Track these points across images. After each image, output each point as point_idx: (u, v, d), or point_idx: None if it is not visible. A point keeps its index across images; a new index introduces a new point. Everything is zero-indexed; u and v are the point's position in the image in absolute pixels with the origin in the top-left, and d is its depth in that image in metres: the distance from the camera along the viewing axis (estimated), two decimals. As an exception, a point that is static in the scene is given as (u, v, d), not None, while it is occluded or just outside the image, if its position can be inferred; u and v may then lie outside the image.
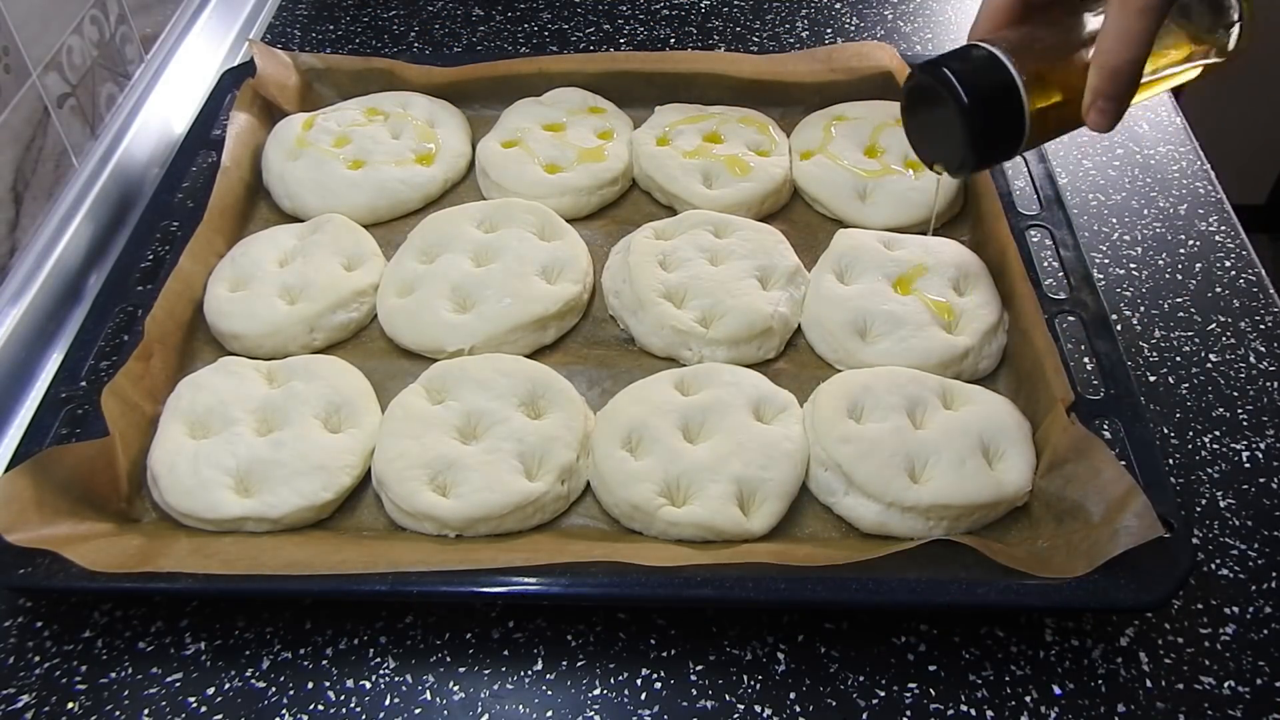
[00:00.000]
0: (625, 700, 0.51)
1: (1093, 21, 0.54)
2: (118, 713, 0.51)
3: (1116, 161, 0.81)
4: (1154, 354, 0.67)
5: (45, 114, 0.72)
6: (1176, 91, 0.78)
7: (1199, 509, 0.59)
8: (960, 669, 0.52)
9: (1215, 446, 0.62)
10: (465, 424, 0.59)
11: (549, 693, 0.52)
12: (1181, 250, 0.74)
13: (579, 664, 0.53)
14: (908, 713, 0.51)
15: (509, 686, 0.52)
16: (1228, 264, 0.73)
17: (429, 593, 0.52)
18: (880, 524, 0.56)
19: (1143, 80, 0.56)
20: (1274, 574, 0.56)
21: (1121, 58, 0.51)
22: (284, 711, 0.51)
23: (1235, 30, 0.59)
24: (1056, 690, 0.51)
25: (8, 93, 0.68)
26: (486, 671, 0.52)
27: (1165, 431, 0.62)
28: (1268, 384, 0.65)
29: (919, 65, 0.54)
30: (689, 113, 0.79)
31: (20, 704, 0.51)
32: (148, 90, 0.85)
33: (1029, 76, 0.53)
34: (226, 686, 0.52)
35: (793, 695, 0.51)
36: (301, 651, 0.53)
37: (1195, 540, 0.57)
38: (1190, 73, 0.60)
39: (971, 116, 0.53)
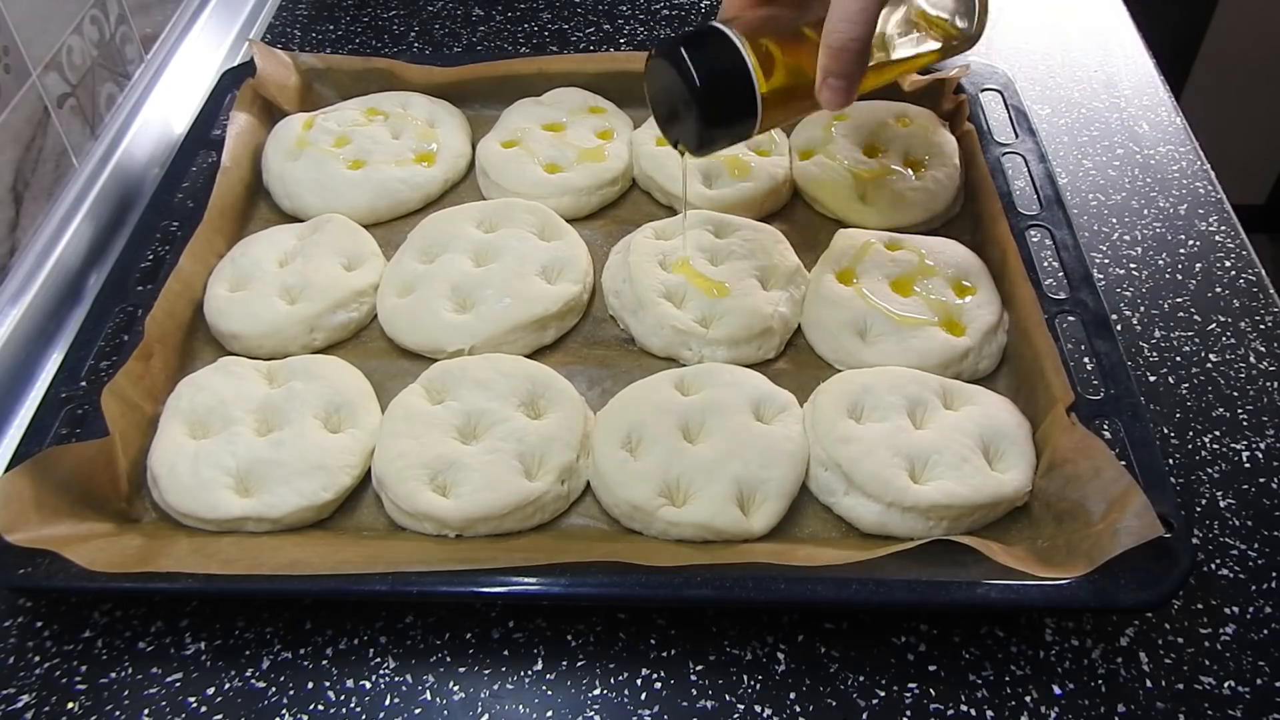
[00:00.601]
0: (625, 700, 0.51)
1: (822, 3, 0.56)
2: (118, 713, 0.51)
3: (1116, 161, 0.81)
4: (1154, 354, 0.67)
5: (45, 114, 0.72)
6: (1176, 92, 0.79)
7: (1199, 509, 0.59)
8: (960, 669, 0.52)
9: (1215, 446, 0.62)
10: (465, 424, 0.59)
11: (549, 693, 0.52)
12: (1181, 250, 0.74)
13: (579, 664, 0.53)
14: (908, 713, 0.51)
15: (509, 686, 0.52)
16: (1228, 264, 0.73)
17: (429, 593, 0.52)
18: (880, 524, 0.56)
19: (885, 60, 0.60)
20: (1274, 574, 0.56)
21: (846, 35, 0.53)
22: (284, 711, 0.51)
23: (974, 12, 0.62)
24: (1056, 690, 0.51)
25: (8, 93, 0.68)
26: (486, 671, 0.53)
27: (1165, 431, 0.62)
28: (1268, 384, 0.65)
29: (657, 44, 0.56)
30: (689, 113, 0.79)
31: (20, 704, 0.51)
32: (148, 90, 0.85)
33: (763, 57, 0.55)
34: (226, 686, 0.52)
35: (793, 695, 0.51)
36: (301, 651, 0.53)
37: (1195, 540, 0.57)
38: (932, 55, 0.63)
39: (704, 97, 0.54)
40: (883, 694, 0.51)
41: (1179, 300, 0.70)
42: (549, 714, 0.51)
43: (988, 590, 0.50)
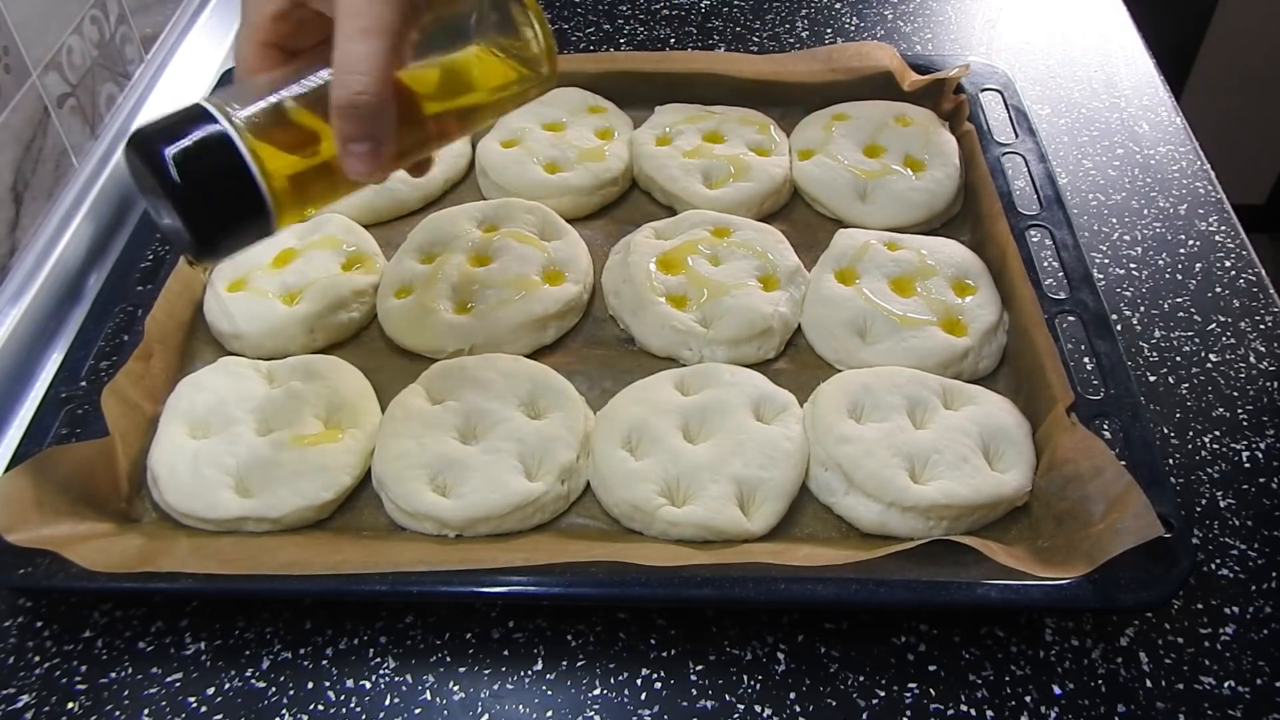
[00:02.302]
0: (625, 700, 0.51)
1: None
2: (118, 713, 0.51)
3: (1116, 161, 0.81)
4: (1154, 354, 0.67)
5: (45, 114, 0.72)
6: (1177, 92, 0.77)
7: (1199, 509, 0.59)
8: (960, 669, 0.52)
9: (1215, 446, 0.62)
10: (465, 424, 0.59)
11: (549, 693, 0.52)
12: (1181, 250, 0.74)
13: (579, 664, 0.53)
14: (908, 713, 0.51)
15: (509, 686, 0.52)
16: (1228, 264, 0.73)
17: (429, 593, 0.52)
18: (880, 524, 0.56)
19: (459, 108, 0.51)
20: (1274, 574, 0.56)
21: (353, 89, 0.44)
22: (284, 711, 0.51)
23: (532, 42, 0.53)
24: (1056, 690, 0.51)
25: (8, 93, 0.68)
26: (486, 671, 0.52)
27: (1165, 431, 0.62)
28: (1268, 384, 0.65)
29: (134, 133, 0.45)
30: (689, 113, 0.79)
31: (20, 704, 0.51)
32: (148, 90, 0.85)
33: (278, 134, 0.45)
34: (226, 686, 0.52)
35: (793, 695, 0.51)
36: (301, 651, 0.53)
37: (1195, 540, 0.57)
38: (511, 94, 0.54)
39: (190, 207, 0.44)
40: (883, 694, 0.51)
41: (1179, 300, 0.70)
42: (549, 714, 0.51)
43: (988, 590, 0.50)
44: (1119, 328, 0.67)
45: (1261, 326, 0.68)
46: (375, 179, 0.47)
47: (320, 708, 0.51)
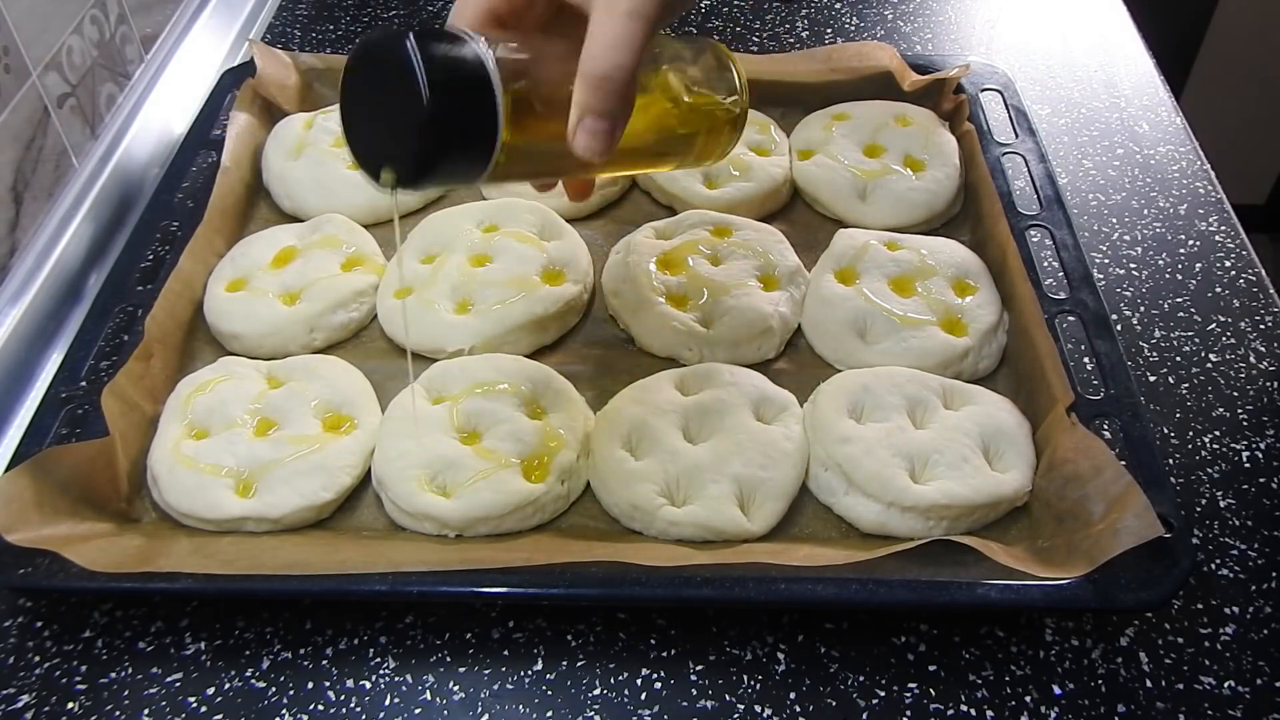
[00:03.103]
0: (625, 700, 0.51)
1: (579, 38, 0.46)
2: (118, 713, 0.51)
3: (1116, 161, 0.81)
4: (1154, 354, 0.67)
5: (45, 114, 0.72)
6: (1177, 92, 0.76)
7: (1199, 509, 0.59)
8: (960, 669, 0.52)
9: (1215, 446, 0.62)
10: (465, 424, 0.59)
11: (549, 693, 0.52)
12: (1181, 250, 0.74)
13: (579, 664, 0.53)
14: (908, 713, 0.51)
15: (509, 686, 0.52)
16: (1228, 264, 0.73)
17: (429, 593, 0.52)
18: (880, 524, 0.56)
19: (654, 149, 0.51)
20: (1274, 574, 0.56)
21: (611, 64, 0.44)
22: (284, 711, 0.51)
23: (738, 88, 0.53)
24: (1056, 690, 0.51)
25: (8, 93, 0.68)
26: (486, 671, 0.52)
27: (1165, 431, 0.62)
28: (1268, 384, 0.65)
29: (371, 38, 0.44)
30: (689, 113, 0.79)
31: (20, 704, 0.51)
32: (148, 90, 0.85)
33: (511, 91, 0.43)
34: (226, 686, 0.52)
35: (793, 695, 0.51)
36: (301, 651, 0.53)
37: (1195, 540, 0.57)
38: (703, 152, 0.54)
39: (433, 112, 0.42)
40: (883, 694, 0.51)
41: (1179, 300, 0.70)
42: (549, 714, 0.51)
43: (988, 590, 0.50)
44: (1119, 328, 0.67)
45: (1261, 326, 0.68)
46: (595, 160, 0.46)
47: (320, 708, 0.51)
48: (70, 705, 0.51)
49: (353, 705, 0.51)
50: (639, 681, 0.52)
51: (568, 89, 0.45)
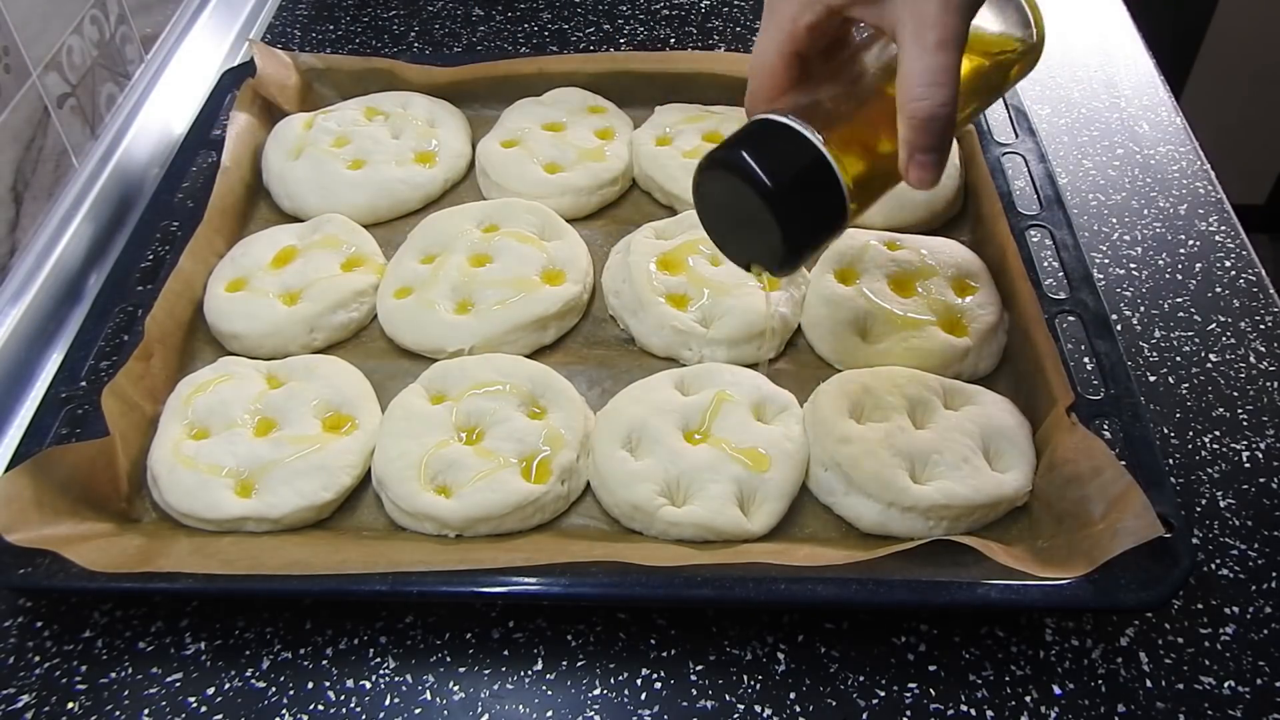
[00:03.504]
0: (625, 700, 0.51)
1: (882, 57, 0.48)
2: (118, 713, 0.51)
3: (1116, 161, 0.81)
4: (1154, 354, 0.67)
5: (45, 114, 0.72)
6: (1177, 92, 0.75)
7: (1199, 509, 0.59)
8: (960, 669, 0.52)
9: (1215, 446, 0.62)
10: (465, 424, 0.59)
11: (549, 693, 0.52)
12: (1181, 250, 0.74)
13: (579, 664, 0.53)
14: (908, 713, 0.51)
15: (509, 686, 0.52)
16: (1228, 264, 0.73)
17: (429, 593, 0.52)
18: (880, 524, 0.56)
19: (972, 103, 0.51)
20: (1274, 574, 0.56)
21: (934, 102, 0.44)
22: (284, 711, 0.51)
23: (1030, 28, 0.53)
24: (1056, 690, 0.51)
25: (8, 93, 0.68)
26: (486, 671, 0.52)
27: (1165, 431, 0.62)
28: (1268, 384, 0.65)
29: (707, 155, 0.48)
30: (689, 113, 0.79)
31: (20, 704, 0.51)
32: (148, 90, 0.85)
33: (834, 143, 0.46)
34: (226, 686, 0.52)
35: (793, 695, 0.51)
36: (301, 651, 0.53)
37: (1195, 540, 0.57)
38: (998, 92, 0.55)
39: (781, 204, 0.46)
40: (883, 694, 0.51)
41: (1179, 300, 0.70)
42: (549, 714, 0.51)
43: (988, 590, 0.50)
44: (1119, 328, 0.67)
45: (1261, 326, 0.68)
46: (929, 186, 0.48)
47: (320, 708, 0.51)
48: (70, 705, 0.51)
49: (353, 705, 0.51)
50: (639, 681, 0.52)
51: (874, 120, 0.47)
